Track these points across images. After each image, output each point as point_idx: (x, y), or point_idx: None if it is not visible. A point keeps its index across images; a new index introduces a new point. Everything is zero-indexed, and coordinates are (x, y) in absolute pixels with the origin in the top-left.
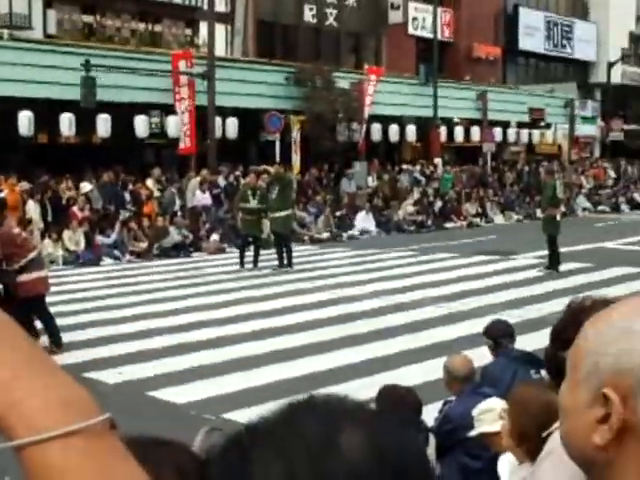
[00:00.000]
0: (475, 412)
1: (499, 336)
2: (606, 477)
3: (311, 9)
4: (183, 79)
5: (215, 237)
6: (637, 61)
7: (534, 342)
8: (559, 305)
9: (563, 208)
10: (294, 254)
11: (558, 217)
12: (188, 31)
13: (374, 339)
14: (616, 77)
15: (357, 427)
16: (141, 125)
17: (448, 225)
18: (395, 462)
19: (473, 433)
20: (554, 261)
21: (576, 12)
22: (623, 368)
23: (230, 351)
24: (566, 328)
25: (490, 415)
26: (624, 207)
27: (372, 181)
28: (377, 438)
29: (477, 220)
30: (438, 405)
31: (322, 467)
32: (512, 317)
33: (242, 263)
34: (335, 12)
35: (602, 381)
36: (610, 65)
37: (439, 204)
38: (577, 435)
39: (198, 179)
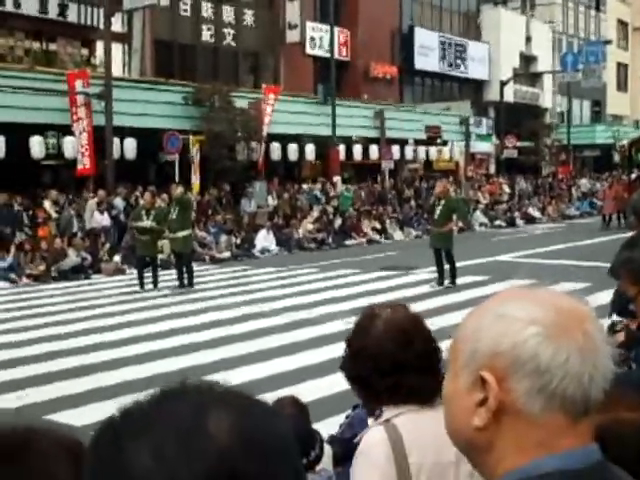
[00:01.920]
0: None
1: None
2: (487, 458)
3: (209, 29)
4: (80, 99)
5: (117, 259)
6: (528, 80)
7: None
8: (457, 318)
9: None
10: (195, 274)
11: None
12: (84, 51)
13: (279, 355)
14: (509, 96)
15: (225, 411)
16: (37, 146)
17: (348, 242)
18: (260, 445)
19: None
20: (453, 275)
21: (469, 33)
22: (498, 351)
23: (130, 371)
24: (355, 335)
25: None
26: (519, 221)
27: (272, 200)
28: (245, 421)
29: (377, 237)
30: (339, 419)
31: (189, 447)
32: None
33: (142, 284)
34: (233, 32)
35: (480, 365)
36: (502, 84)
37: (339, 221)
38: (459, 420)
39: (95, 200)
